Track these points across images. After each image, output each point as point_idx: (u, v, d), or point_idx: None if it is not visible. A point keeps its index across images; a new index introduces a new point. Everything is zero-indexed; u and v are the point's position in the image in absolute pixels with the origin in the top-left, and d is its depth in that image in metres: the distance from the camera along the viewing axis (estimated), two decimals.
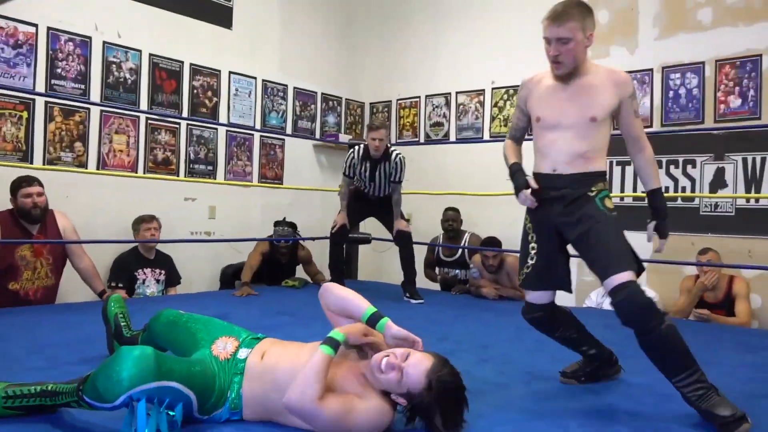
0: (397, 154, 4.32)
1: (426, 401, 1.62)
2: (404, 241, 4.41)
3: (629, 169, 4.85)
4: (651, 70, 4.82)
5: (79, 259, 3.87)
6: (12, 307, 3.47)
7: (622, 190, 4.88)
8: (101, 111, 4.56)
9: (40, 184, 3.67)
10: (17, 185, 3.61)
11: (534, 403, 2.10)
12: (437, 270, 5.25)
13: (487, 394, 2.16)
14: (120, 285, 4.16)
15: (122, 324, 2.30)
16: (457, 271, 5.09)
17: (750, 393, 2.29)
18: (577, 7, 2.07)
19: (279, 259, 4.77)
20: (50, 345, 2.66)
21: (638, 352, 2.95)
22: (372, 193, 4.46)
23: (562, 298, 2.92)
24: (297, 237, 4.87)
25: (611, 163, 4.94)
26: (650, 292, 4.51)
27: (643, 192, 4.61)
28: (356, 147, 4.43)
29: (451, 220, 5.12)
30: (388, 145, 4.38)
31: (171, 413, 1.59)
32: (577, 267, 5.12)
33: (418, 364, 1.64)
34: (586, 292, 4.79)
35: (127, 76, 4.71)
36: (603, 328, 3.49)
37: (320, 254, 5.06)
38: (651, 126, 4.75)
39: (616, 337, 3.28)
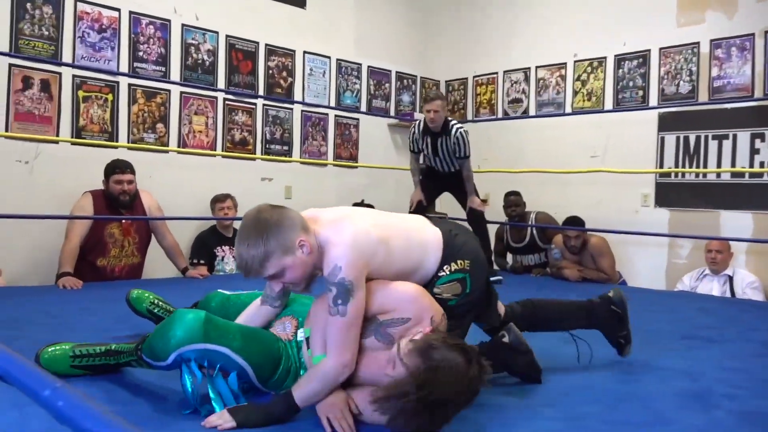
0: (457, 128, 4.19)
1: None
2: (476, 220, 4.27)
3: (726, 144, 4.56)
4: (752, 35, 4.49)
5: (163, 237, 4.02)
6: (99, 281, 3.65)
7: (719, 165, 4.59)
8: (181, 92, 4.71)
9: (132, 172, 3.83)
10: (111, 170, 3.78)
11: (620, 385, 2.01)
12: (509, 258, 5.12)
13: (571, 373, 2.10)
14: (202, 261, 4.30)
15: (158, 313, 2.33)
16: (530, 256, 4.92)
17: None
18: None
19: None
20: (135, 316, 2.77)
21: (738, 336, 2.80)
22: (441, 169, 4.38)
23: (654, 283, 2.80)
24: None
25: (706, 137, 4.65)
26: (750, 276, 4.26)
27: (743, 167, 4.36)
28: (417, 121, 4.40)
29: (514, 205, 4.92)
30: (448, 117, 4.29)
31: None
32: (668, 249, 4.89)
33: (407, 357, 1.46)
34: (678, 276, 4.56)
35: (205, 57, 4.84)
36: (696, 312, 3.36)
37: None
38: (752, 95, 4.43)
39: (711, 321, 3.13)
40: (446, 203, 5.00)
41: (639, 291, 4.23)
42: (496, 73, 6.11)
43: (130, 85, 4.45)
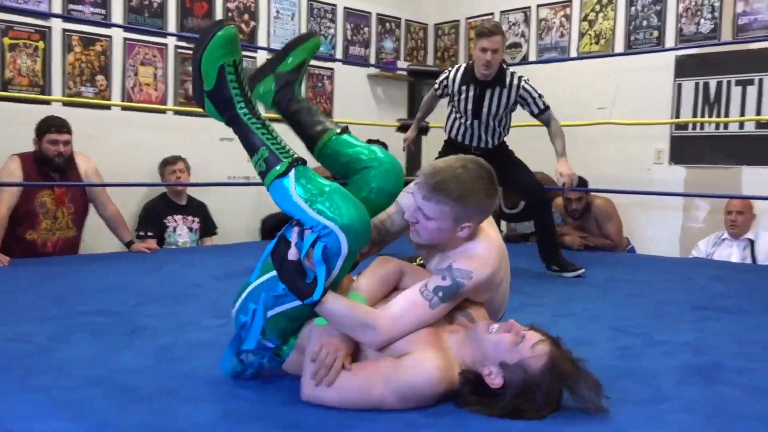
0: (520, 77, 3.59)
1: (534, 383, 1.47)
2: (543, 205, 3.63)
3: (751, 90, 4.50)
4: None
5: (104, 207, 3.95)
6: (28, 257, 3.59)
7: (742, 114, 4.54)
8: (124, 39, 4.59)
9: (69, 132, 3.74)
10: (45, 129, 3.70)
11: (621, 361, 2.01)
12: (502, 226, 5.07)
13: (572, 348, 2.08)
14: (150, 234, 4.25)
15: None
16: (526, 223, 4.87)
17: None
18: None
19: None
20: (67, 295, 2.73)
21: (757, 306, 2.78)
22: (470, 141, 3.72)
23: (667, 250, 2.79)
24: None
25: (728, 82, 4.60)
26: None
27: None
28: (456, 66, 3.75)
29: None
30: (504, 63, 3.67)
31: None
32: (682, 212, 4.88)
33: (539, 339, 1.51)
34: (694, 243, 4.55)
35: None
36: (711, 280, 3.36)
37: None
38: None
39: (727, 290, 3.13)
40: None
41: (649, 259, 4.22)
42: (492, 13, 6.00)
43: (64, 30, 4.34)
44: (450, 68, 3.73)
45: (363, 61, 6.01)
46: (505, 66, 3.61)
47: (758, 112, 4.48)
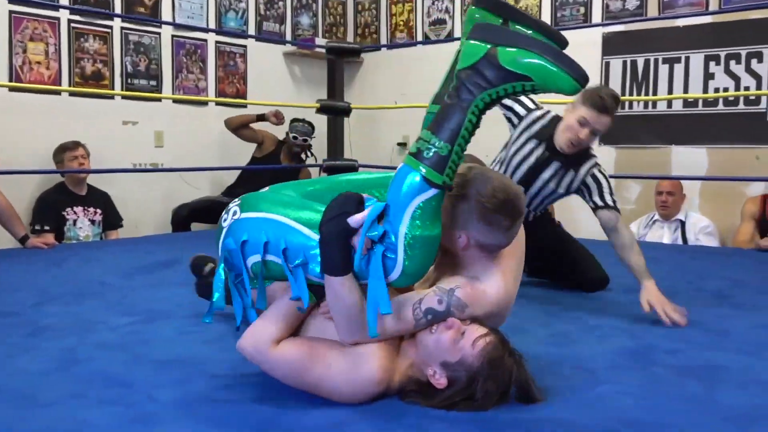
0: (595, 165, 2.87)
1: (475, 378, 1.50)
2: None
3: (678, 68, 4.70)
4: None
5: None
6: None
7: (670, 93, 4.73)
8: (10, 12, 4.39)
9: None
10: None
11: (554, 348, 2.08)
12: None
13: None
14: (46, 228, 4.10)
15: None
16: None
17: None
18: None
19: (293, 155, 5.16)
20: None
21: (688, 286, 2.90)
22: None
23: (600, 233, 2.86)
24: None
25: (656, 60, 4.78)
26: (703, 221, 4.45)
27: (703, 94, 4.50)
28: (545, 112, 2.97)
29: None
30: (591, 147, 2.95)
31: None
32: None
33: (482, 332, 1.53)
34: (626, 224, 4.71)
35: None
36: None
37: None
38: (706, 9, 4.57)
39: (659, 271, 3.24)
40: None
41: (582, 242, 4.34)
42: None
43: None
44: (541, 107, 2.99)
45: (278, 37, 5.94)
46: (591, 150, 2.93)
47: (685, 90, 4.68)
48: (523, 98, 2.94)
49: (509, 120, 3.02)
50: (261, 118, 5.04)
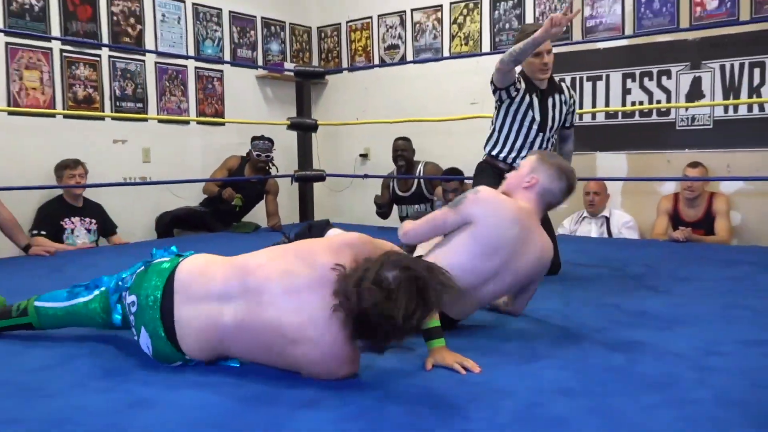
0: (566, 85, 3.19)
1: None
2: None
3: (600, 84, 4.82)
4: None
5: None
6: None
7: (593, 106, 4.85)
8: (6, 43, 4.30)
9: None
10: None
11: (501, 329, 2.11)
12: (396, 209, 5.19)
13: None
14: (43, 233, 4.04)
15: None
16: (416, 206, 5.03)
17: (728, 304, 2.42)
18: None
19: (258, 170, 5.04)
20: None
21: (612, 273, 2.99)
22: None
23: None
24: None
25: (581, 78, 4.90)
26: (625, 216, 4.57)
27: (621, 107, 4.61)
28: (518, 87, 3.03)
29: (401, 149, 5.02)
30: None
31: None
32: None
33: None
34: (559, 221, 4.82)
35: (33, 1, 4.43)
36: (573, 254, 3.58)
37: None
38: (623, 33, 4.70)
39: (588, 261, 3.34)
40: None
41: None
42: (371, 17, 6.07)
43: None
44: (518, 87, 3.02)
45: (251, 63, 5.93)
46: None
47: (607, 104, 4.81)
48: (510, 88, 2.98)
49: (514, 90, 3.00)
50: (221, 190, 4.93)
